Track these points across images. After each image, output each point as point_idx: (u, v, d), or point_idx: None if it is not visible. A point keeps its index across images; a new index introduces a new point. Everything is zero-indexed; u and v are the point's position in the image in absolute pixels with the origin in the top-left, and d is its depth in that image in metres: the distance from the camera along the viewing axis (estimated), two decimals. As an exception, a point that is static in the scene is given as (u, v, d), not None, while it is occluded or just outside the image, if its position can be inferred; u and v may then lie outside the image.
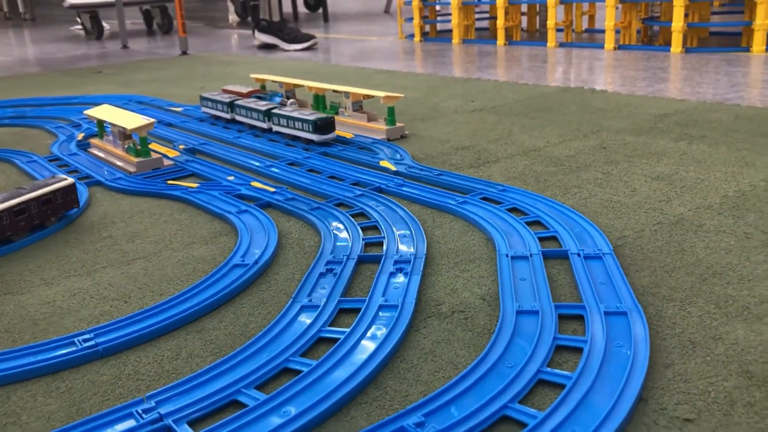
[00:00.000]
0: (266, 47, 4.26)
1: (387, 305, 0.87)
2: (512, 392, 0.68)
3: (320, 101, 1.92)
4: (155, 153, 1.64)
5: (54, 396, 0.75)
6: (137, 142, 1.60)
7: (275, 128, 1.83)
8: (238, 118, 1.98)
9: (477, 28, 4.05)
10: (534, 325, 0.80)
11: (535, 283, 0.90)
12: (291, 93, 2.03)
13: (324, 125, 1.68)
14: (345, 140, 1.73)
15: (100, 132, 1.78)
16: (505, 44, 3.58)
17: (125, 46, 4.84)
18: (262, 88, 2.16)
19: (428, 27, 4.20)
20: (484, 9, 4.33)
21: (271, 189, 1.38)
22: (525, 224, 1.10)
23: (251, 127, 1.94)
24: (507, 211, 1.16)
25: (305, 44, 4.03)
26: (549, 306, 0.84)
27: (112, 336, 0.84)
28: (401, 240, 1.07)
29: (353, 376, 0.72)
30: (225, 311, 0.91)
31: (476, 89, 2.36)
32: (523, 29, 4.13)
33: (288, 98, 1.97)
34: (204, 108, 2.12)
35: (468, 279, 0.96)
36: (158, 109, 2.33)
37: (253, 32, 4.30)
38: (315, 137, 1.69)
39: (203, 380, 0.74)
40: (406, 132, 1.78)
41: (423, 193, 1.28)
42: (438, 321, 0.85)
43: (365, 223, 1.16)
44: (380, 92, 1.74)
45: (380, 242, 1.08)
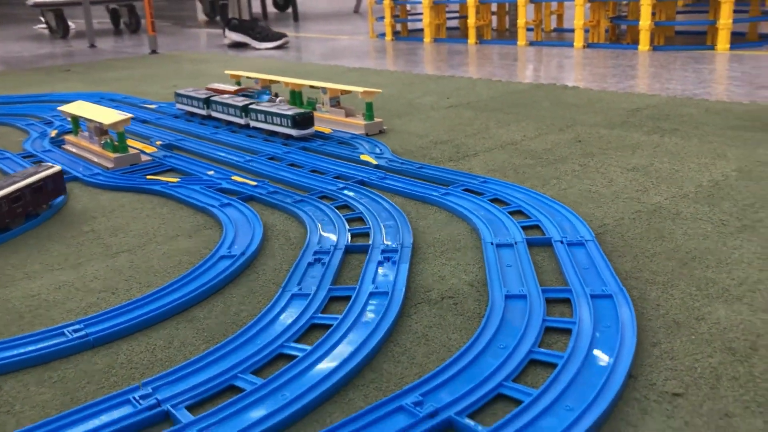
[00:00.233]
0: (237, 46, 4.23)
1: (377, 292, 0.88)
2: (506, 371, 0.70)
3: (297, 97, 1.92)
4: (132, 149, 1.62)
5: (47, 385, 0.74)
6: (114, 138, 1.59)
7: (253, 124, 1.82)
8: (215, 115, 1.97)
9: (448, 27, 4.08)
10: (523, 309, 0.82)
11: (521, 269, 0.92)
12: (275, 91, 2.02)
13: (303, 120, 1.69)
14: (324, 135, 1.74)
15: (75, 128, 1.76)
16: (477, 43, 3.61)
17: (92, 45, 4.77)
18: (237, 84, 2.16)
19: (399, 26, 4.22)
20: (454, 8, 4.37)
21: (253, 183, 1.38)
22: (508, 214, 1.12)
23: (228, 123, 1.93)
24: (489, 202, 1.18)
25: (276, 43, 4.02)
26: (536, 290, 0.86)
27: (103, 326, 0.83)
28: (387, 230, 1.08)
29: (349, 359, 0.73)
30: (214, 301, 0.91)
31: (451, 86, 2.38)
32: (494, 28, 4.17)
33: (276, 96, 1.95)
34: (179, 105, 2.11)
35: (455, 266, 0.97)
36: (131, 107, 2.31)
37: (224, 31, 4.27)
38: (294, 132, 1.69)
39: (199, 366, 0.74)
40: (385, 127, 1.79)
41: (405, 186, 1.30)
42: (428, 306, 0.86)
43: (350, 215, 1.17)
44: (358, 87, 1.75)
45: (366, 233, 1.09)
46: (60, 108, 1.77)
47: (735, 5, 2.75)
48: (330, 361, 0.73)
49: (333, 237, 1.07)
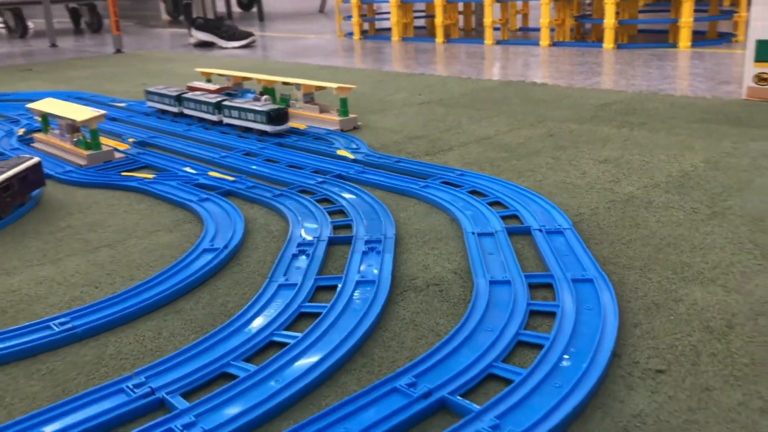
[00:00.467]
0: (203, 45, 4.20)
1: (364, 281, 0.89)
2: (495, 352, 0.72)
3: (270, 94, 1.92)
4: (105, 146, 1.61)
5: (36, 378, 0.74)
6: (86, 135, 1.57)
7: (226, 120, 1.82)
8: (187, 112, 1.96)
9: (415, 27, 4.11)
10: (507, 294, 0.84)
11: (503, 257, 0.94)
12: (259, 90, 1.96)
13: (278, 116, 1.69)
14: (299, 131, 1.74)
15: (45, 126, 1.73)
16: (444, 42, 3.64)
17: (53, 45, 4.69)
18: (208, 81, 2.15)
19: (367, 25, 4.24)
20: (421, 8, 4.40)
21: (230, 178, 1.38)
22: (486, 205, 1.14)
23: (200, 121, 1.92)
24: (468, 193, 1.20)
25: (243, 41, 4.00)
26: (519, 276, 0.88)
27: (90, 318, 0.83)
28: (369, 222, 1.10)
29: (341, 345, 0.74)
30: (200, 293, 0.91)
31: (421, 83, 2.41)
32: (460, 28, 4.21)
33: (261, 94, 1.90)
34: (150, 102, 2.09)
35: (438, 255, 0.99)
36: (100, 105, 2.28)
37: (190, 30, 4.24)
38: (269, 128, 1.69)
39: (191, 355, 0.74)
40: (359, 123, 1.80)
41: (384, 179, 1.31)
42: (414, 294, 0.88)
43: (331, 208, 1.18)
44: (332, 84, 1.76)
45: (348, 225, 1.10)
46: (29, 105, 1.74)
47: (695, 4, 2.83)
48: (321, 347, 0.74)
49: (315, 229, 1.08)
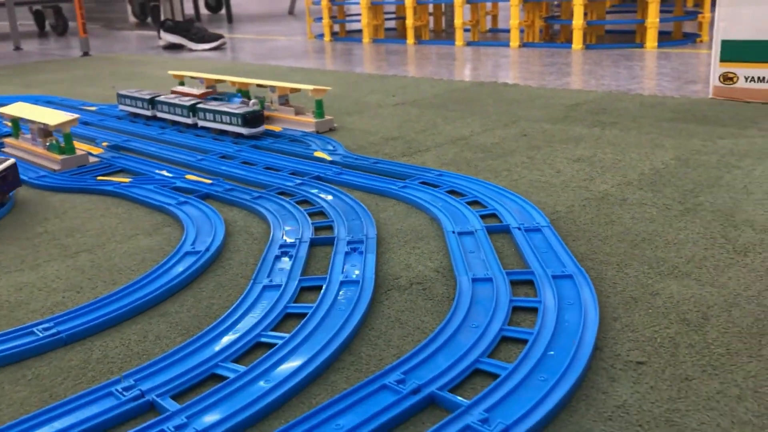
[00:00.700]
0: (172, 47, 4.17)
1: (348, 281, 0.90)
2: (481, 348, 0.73)
3: (244, 96, 1.92)
4: (79, 150, 1.59)
5: (22, 383, 0.73)
6: (59, 140, 1.56)
7: (201, 123, 1.81)
8: (160, 115, 1.95)
9: (386, 28, 4.13)
10: (490, 291, 0.85)
11: (484, 255, 0.96)
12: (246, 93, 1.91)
13: (253, 119, 1.69)
14: (274, 134, 1.74)
15: (15, 131, 1.71)
16: (415, 43, 3.66)
17: (17, 48, 4.61)
18: (181, 85, 2.13)
19: (337, 27, 4.24)
20: (391, 9, 4.41)
21: (208, 181, 1.37)
22: (465, 204, 1.16)
23: (174, 124, 1.91)
24: (446, 193, 1.22)
25: (214, 44, 3.98)
26: (500, 273, 0.90)
27: (74, 323, 0.83)
28: (350, 223, 1.11)
29: (328, 344, 0.75)
30: (184, 296, 0.91)
31: (395, 85, 2.42)
32: (431, 29, 4.23)
33: (249, 98, 1.85)
34: (122, 106, 2.08)
35: (420, 255, 1.00)
36: (71, 109, 2.25)
37: (158, 32, 4.20)
38: (244, 131, 1.69)
39: (178, 358, 0.74)
40: (335, 125, 1.81)
41: (363, 180, 1.32)
42: (398, 293, 0.89)
43: (311, 209, 1.18)
44: (308, 86, 1.77)
45: (329, 226, 1.11)
46: (-1, 110, 1.72)
47: (660, 5, 2.88)
48: (309, 347, 0.75)
49: (297, 231, 1.08)
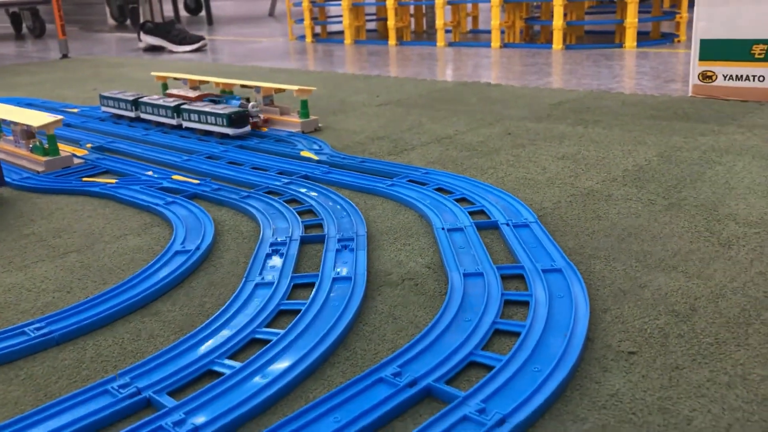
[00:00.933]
0: (152, 50, 4.15)
1: (340, 278, 0.90)
2: (474, 341, 0.74)
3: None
4: (63, 152, 1.58)
5: (15, 383, 0.73)
6: (43, 141, 1.55)
7: (186, 124, 1.81)
8: (144, 116, 1.94)
9: (367, 30, 4.13)
10: (481, 285, 0.86)
11: (474, 251, 0.97)
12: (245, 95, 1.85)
13: (238, 119, 1.69)
14: (260, 134, 1.74)
15: (-3, 133, 1.69)
16: (397, 44, 3.68)
17: (-4, 51, 4.56)
18: (165, 87, 2.13)
19: (318, 28, 4.24)
20: (371, 11, 4.42)
21: (195, 181, 1.37)
22: (454, 201, 1.17)
23: (158, 125, 1.91)
24: (434, 191, 1.23)
25: (195, 46, 3.96)
26: (491, 268, 0.91)
27: (66, 323, 0.82)
28: (339, 221, 1.11)
29: (323, 340, 0.75)
30: (176, 294, 0.91)
31: (379, 85, 2.43)
32: (412, 30, 4.25)
33: (248, 101, 1.80)
34: (104, 107, 2.06)
35: (410, 251, 1.01)
36: (53, 111, 2.23)
37: (138, 34, 4.18)
38: (230, 131, 1.69)
39: (173, 355, 0.74)
40: (320, 125, 1.81)
41: (351, 179, 1.32)
42: (390, 289, 0.89)
43: (300, 208, 1.19)
44: (293, 86, 1.77)
45: (319, 224, 1.11)
46: (-19, 112, 1.70)
47: (639, 6, 2.92)
48: (304, 342, 0.75)
49: (287, 229, 1.09)
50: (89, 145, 1.72)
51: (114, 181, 1.40)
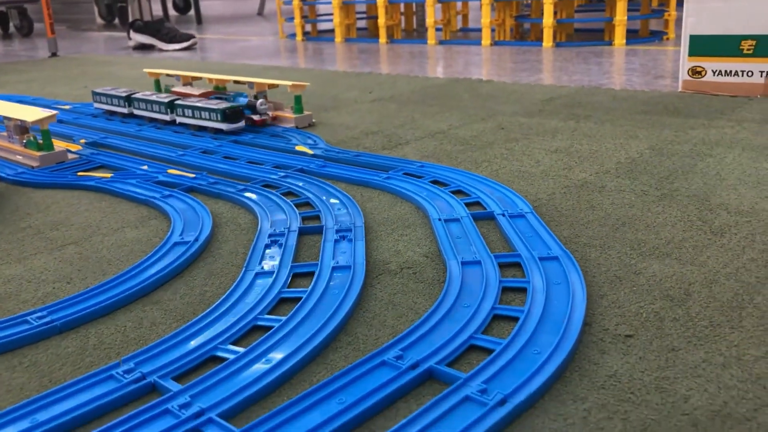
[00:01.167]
0: (142, 48, 4.14)
1: (339, 266, 0.91)
2: (474, 326, 0.75)
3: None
4: (57, 147, 1.58)
5: (19, 370, 0.73)
6: (37, 137, 1.54)
7: (179, 120, 1.81)
8: (137, 112, 1.94)
9: (357, 28, 4.14)
10: (479, 273, 0.88)
11: (471, 240, 0.98)
12: (263, 93, 1.81)
13: (233, 114, 1.69)
14: (255, 129, 1.75)
15: (-9, 128, 1.69)
16: (388, 42, 3.69)
17: (-17, 49, 4.53)
18: (157, 83, 2.13)
19: (309, 26, 4.25)
20: (362, 9, 4.43)
21: (191, 175, 1.38)
22: (449, 193, 1.18)
23: (151, 121, 1.91)
24: (430, 183, 1.24)
25: (185, 44, 3.96)
26: (488, 257, 0.92)
27: (68, 312, 0.83)
28: (337, 212, 1.12)
29: (325, 325, 0.76)
30: (177, 284, 0.92)
31: (371, 82, 2.44)
32: (402, 28, 4.26)
33: (256, 98, 1.77)
34: (97, 104, 2.06)
35: (408, 241, 1.02)
36: (45, 108, 2.23)
37: (128, 33, 4.16)
38: (224, 126, 1.69)
39: (176, 341, 0.75)
40: (314, 120, 1.82)
41: (346, 172, 1.33)
42: (389, 277, 0.90)
43: (297, 200, 1.19)
44: (286, 81, 1.78)
45: (316, 216, 1.12)
46: (-27, 107, 1.69)
47: (627, 4, 2.95)
48: (306, 328, 0.76)
49: (284, 220, 1.10)
50: (83, 141, 1.72)
51: (109, 176, 1.41)
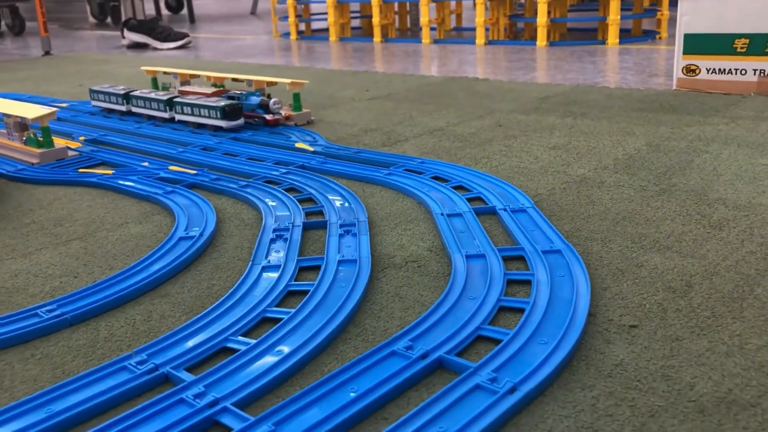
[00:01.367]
0: (136, 47, 4.13)
1: (345, 260, 0.92)
2: (481, 317, 0.76)
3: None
4: (57, 144, 1.58)
5: (31, 362, 0.74)
6: (36, 134, 1.55)
7: (178, 117, 1.82)
8: (135, 110, 1.94)
9: (351, 27, 4.15)
10: (483, 266, 0.89)
11: (474, 234, 0.99)
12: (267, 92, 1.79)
13: (232, 111, 1.70)
14: (254, 126, 1.75)
15: (-11, 126, 1.69)
16: (382, 41, 3.70)
17: (-25, 48, 4.51)
18: (150, 81, 2.13)
19: (303, 26, 4.25)
20: (356, 8, 4.44)
21: (192, 171, 1.38)
22: (451, 188, 1.19)
23: (149, 118, 1.91)
24: (431, 179, 1.25)
25: (179, 43, 3.95)
26: (492, 250, 0.93)
27: (78, 305, 0.83)
28: (340, 208, 1.13)
29: (334, 317, 0.77)
30: (184, 278, 0.93)
31: (367, 80, 2.45)
32: (396, 28, 4.27)
33: (269, 97, 1.75)
34: (95, 102, 2.06)
35: (411, 236, 1.03)
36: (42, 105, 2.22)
37: (122, 32, 4.16)
38: (223, 124, 1.70)
39: (187, 333, 0.76)
40: (312, 118, 1.83)
41: (347, 168, 1.34)
42: (395, 270, 0.92)
43: (299, 196, 1.20)
44: (285, 79, 1.78)
45: (319, 211, 1.13)
46: (-28, 105, 1.69)
47: (621, 4, 2.97)
48: (315, 320, 0.77)
49: (288, 216, 1.10)
50: (82, 138, 1.72)
51: (111, 172, 1.41)
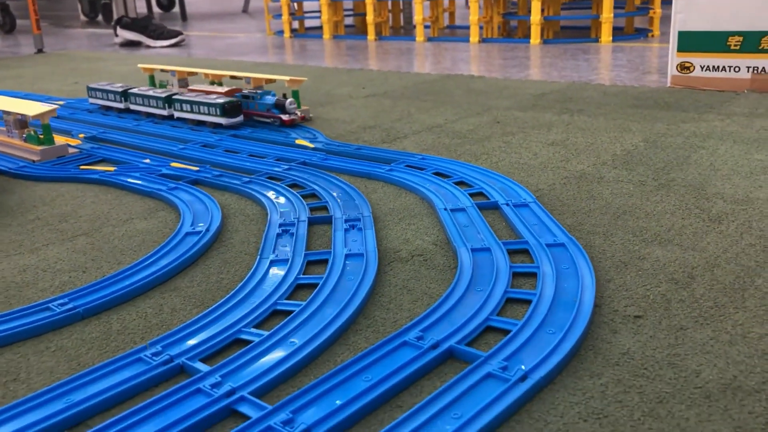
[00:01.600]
0: (129, 45, 4.12)
1: (352, 254, 0.94)
2: (489, 308, 0.78)
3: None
4: (57, 141, 1.59)
5: (47, 355, 0.75)
6: (37, 131, 1.55)
7: (177, 114, 1.82)
8: (133, 107, 1.94)
9: (344, 25, 4.16)
10: (489, 259, 0.90)
11: (478, 228, 1.01)
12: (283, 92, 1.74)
13: (232, 109, 1.71)
14: (253, 123, 1.76)
15: (-12, 123, 1.69)
16: (376, 39, 3.71)
17: (-33, 46, 4.49)
18: (151, 78, 2.13)
19: (296, 23, 4.26)
20: (349, 6, 4.45)
21: (195, 168, 1.39)
22: (453, 184, 1.21)
23: (148, 116, 1.91)
24: (433, 175, 1.26)
25: (173, 41, 3.95)
26: (497, 244, 0.95)
27: (90, 299, 0.84)
28: (344, 203, 1.14)
29: (345, 308, 0.79)
30: (193, 272, 0.94)
31: (363, 78, 2.46)
32: (390, 26, 4.28)
33: (285, 96, 1.73)
34: (92, 99, 2.06)
35: (416, 230, 1.04)
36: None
37: (115, 30, 4.15)
38: (223, 121, 1.71)
39: (200, 326, 0.77)
40: (311, 115, 1.84)
41: (349, 165, 1.36)
42: (401, 264, 0.93)
43: (303, 192, 1.21)
44: (284, 76, 1.79)
45: (323, 206, 1.14)
46: (-29, 102, 1.69)
47: (614, 2, 2.99)
48: (326, 312, 0.78)
49: (293, 211, 1.12)
50: (82, 135, 1.73)
51: (113, 169, 1.42)
